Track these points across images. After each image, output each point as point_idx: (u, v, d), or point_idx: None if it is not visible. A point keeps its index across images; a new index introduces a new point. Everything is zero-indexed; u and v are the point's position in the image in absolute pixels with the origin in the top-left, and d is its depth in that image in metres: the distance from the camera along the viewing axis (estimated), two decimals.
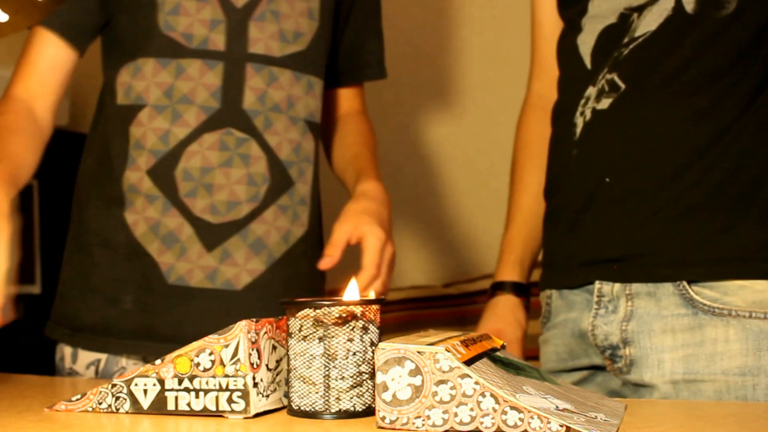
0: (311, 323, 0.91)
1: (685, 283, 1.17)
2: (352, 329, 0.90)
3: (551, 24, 1.39)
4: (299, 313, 0.91)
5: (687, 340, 1.16)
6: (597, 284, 1.23)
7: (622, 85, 1.22)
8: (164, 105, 1.38)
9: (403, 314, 2.45)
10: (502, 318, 1.39)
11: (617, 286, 1.22)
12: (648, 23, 1.21)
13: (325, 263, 1.33)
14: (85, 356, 1.41)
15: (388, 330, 0.95)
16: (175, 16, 1.37)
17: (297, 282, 1.43)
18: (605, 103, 1.23)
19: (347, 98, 1.60)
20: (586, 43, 1.28)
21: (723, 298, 1.16)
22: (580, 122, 1.26)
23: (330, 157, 1.59)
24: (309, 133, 1.45)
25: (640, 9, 1.22)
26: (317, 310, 0.90)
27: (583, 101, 1.26)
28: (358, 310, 0.91)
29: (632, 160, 1.21)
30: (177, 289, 1.37)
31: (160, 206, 1.38)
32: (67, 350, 1.43)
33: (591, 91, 1.25)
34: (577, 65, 1.29)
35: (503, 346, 0.99)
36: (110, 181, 1.41)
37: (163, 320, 1.38)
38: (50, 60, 1.42)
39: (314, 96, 1.46)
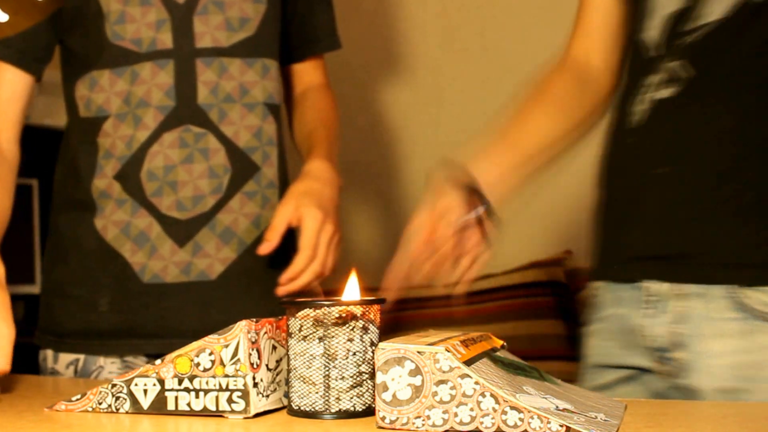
0: (311, 323, 0.91)
1: (737, 286, 1.11)
2: (352, 329, 0.90)
3: None
4: (299, 313, 0.91)
5: (738, 347, 1.11)
6: (645, 282, 1.18)
7: (685, 75, 1.16)
8: (125, 112, 1.39)
9: (403, 314, 2.45)
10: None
11: (666, 285, 1.16)
12: (715, 11, 1.14)
13: (264, 248, 1.34)
14: (65, 356, 1.44)
15: (388, 330, 0.94)
16: (122, 25, 1.38)
17: (275, 265, 1.43)
18: (665, 93, 1.17)
19: (305, 73, 1.59)
20: (649, 29, 1.21)
21: None
22: (637, 110, 1.20)
23: (292, 134, 1.60)
24: (270, 116, 1.45)
25: None
26: (317, 310, 0.90)
27: (642, 89, 1.20)
28: (358, 310, 0.91)
29: (690, 154, 1.15)
30: (153, 287, 1.39)
31: (129, 208, 1.40)
32: (49, 351, 1.46)
33: (652, 79, 1.19)
34: (637, 51, 1.23)
35: (503, 346, 0.99)
36: (79, 190, 1.43)
37: (143, 318, 1.40)
38: (9, 90, 1.43)
39: (272, 78, 1.45)
